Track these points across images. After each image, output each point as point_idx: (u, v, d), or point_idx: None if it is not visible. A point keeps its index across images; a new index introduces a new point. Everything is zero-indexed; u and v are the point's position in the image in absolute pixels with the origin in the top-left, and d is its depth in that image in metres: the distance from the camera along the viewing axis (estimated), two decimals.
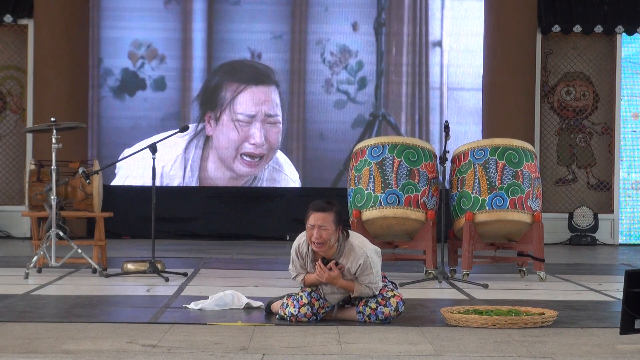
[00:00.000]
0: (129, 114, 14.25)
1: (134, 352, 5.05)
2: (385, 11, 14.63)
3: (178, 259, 10.62)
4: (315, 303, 6.19)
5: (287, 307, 6.20)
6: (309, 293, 6.21)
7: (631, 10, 14.07)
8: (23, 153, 13.99)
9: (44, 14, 13.63)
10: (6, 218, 13.84)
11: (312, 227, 6.05)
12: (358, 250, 6.12)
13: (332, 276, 6.10)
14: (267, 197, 14.19)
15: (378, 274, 6.18)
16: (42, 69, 13.61)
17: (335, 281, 6.13)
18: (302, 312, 6.17)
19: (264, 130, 14.27)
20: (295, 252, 6.26)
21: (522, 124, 13.65)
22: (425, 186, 8.79)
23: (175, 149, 14.05)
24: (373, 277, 6.14)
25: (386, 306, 6.16)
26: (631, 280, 5.06)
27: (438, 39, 14.51)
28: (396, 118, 14.49)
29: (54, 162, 8.73)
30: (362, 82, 14.60)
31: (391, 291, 6.21)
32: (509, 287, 8.43)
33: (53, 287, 7.99)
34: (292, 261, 6.30)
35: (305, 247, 6.20)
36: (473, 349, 5.28)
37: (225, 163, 14.27)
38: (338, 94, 14.62)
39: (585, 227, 13.94)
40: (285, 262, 10.80)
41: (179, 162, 14.14)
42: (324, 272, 6.10)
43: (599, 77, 14.36)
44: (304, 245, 6.21)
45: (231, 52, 14.41)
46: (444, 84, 14.50)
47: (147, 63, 14.28)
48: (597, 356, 5.12)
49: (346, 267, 6.11)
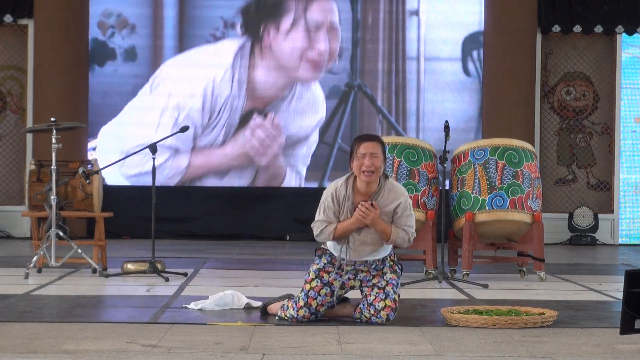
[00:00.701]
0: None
1: (134, 352, 5.05)
2: None
3: (178, 259, 10.62)
4: (312, 302, 6.17)
5: (288, 309, 6.20)
6: (306, 293, 6.18)
7: (631, 10, 14.07)
8: (23, 153, 13.99)
9: (44, 14, 13.63)
10: (6, 218, 13.84)
11: (363, 156, 6.00)
12: (398, 188, 6.15)
13: (375, 215, 6.02)
14: (267, 197, 14.19)
15: (413, 218, 6.16)
16: (42, 69, 13.61)
17: (376, 222, 6.04)
18: (301, 314, 6.15)
19: (328, 39, 14.22)
20: (330, 197, 6.12)
21: (522, 124, 13.65)
22: (425, 186, 8.79)
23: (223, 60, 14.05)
24: (411, 220, 6.12)
25: (377, 317, 6.14)
26: (631, 280, 5.06)
27: (415, 7, 14.44)
28: (372, 89, 14.36)
29: (54, 162, 8.73)
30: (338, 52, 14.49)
31: (382, 301, 6.14)
32: (509, 287, 8.43)
33: (53, 287, 7.99)
34: (322, 211, 6.13)
35: (343, 189, 6.11)
36: (473, 349, 5.28)
37: (285, 70, 14.17)
38: None
39: (585, 227, 13.94)
40: (285, 262, 10.84)
41: (228, 74, 14.08)
42: (369, 211, 6.00)
43: (599, 77, 14.36)
44: (342, 188, 6.12)
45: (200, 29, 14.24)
46: (421, 54, 14.45)
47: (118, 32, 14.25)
48: (597, 356, 5.12)
49: (386, 208, 6.06)
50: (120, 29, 14.23)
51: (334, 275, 6.19)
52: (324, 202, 6.16)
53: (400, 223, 6.13)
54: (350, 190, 6.12)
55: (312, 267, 6.27)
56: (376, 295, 6.16)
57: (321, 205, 6.17)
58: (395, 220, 6.13)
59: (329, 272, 6.20)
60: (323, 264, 6.23)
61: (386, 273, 6.22)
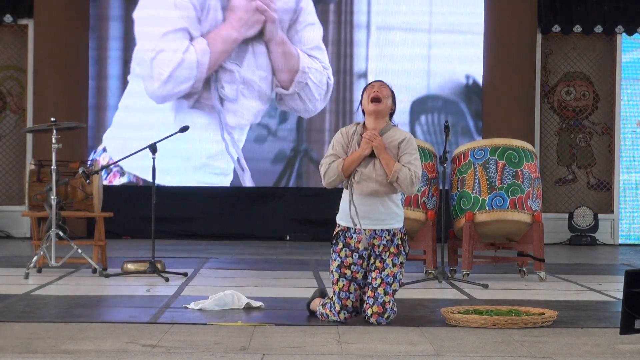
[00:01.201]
0: None
1: (134, 352, 5.05)
2: None
3: (178, 259, 10.62)
4: (347, 303, 6.20)
5: (329, 316, 6.22)
6: (337, 295, 6.20)
7: (631, 10, 14.07)
8: (23, 153, 13.99)
9: (44, 14, 13.63)
10: (6, 218, 13.84)
11: (372, 86, 6.27)
12: (404, 131, 6.35)
13: (381, 141, 6.13)
14: (267, 197, 14.19)
15: (418, 159, 6.24)
16: (42, 69, 13.61)
17: (382, 149, 6.13)
18: (342, 317, 6.19)
19: None
20: (340, 132, 6.30)
21: (522, 124, 13.65)
22: (425, 186, 8.79)
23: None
24: (415, 159, 6.21)
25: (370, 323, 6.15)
26: (631, 280, 5.06)
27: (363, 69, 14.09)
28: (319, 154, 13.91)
29: (54, 162, 8.74)
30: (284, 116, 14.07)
31: (370, 308, 6.15)
32: (509, 287, 8.43)
33: (53, 287, 7.99)
34: (332, 147, 6.26)
35: (353, 127, 6.29)
36: (473, 349, 5.28)
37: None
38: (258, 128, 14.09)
39: (585, 227, 13.94)
40: (285, 262, 10.84)
41: None
42: (375, 137, 6.12)
43: (599, 77, 14.36)
44: (352, 127, 6.30)
45: None
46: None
47: None
48: (597, 356, 5.12)
49: (392, 143, 6.18)
50: None
51: (355, 267, 6.20)
52: (333, 140, 6.31)
53: (403, 160, 6.19)
54: (360, 127, 6.29)
55: (332, 265, 6.27)
56: (367, 298, 6.19)
57: (331, 144, 6.31)
58: (400, 157, 6.20)
59: (349, 266, 6.22)
60: (340, 258, 6.22)
61: (387, 261, 6.21)
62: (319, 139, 14.19)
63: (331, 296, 6.28)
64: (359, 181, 6.17)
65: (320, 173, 6.29)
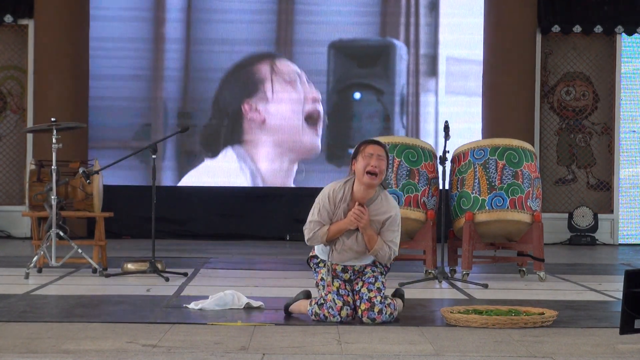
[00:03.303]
0: None
1: (134, 352, 5.05)
2: None
3: (178, 259, 10.62)
4: (348, 299, 6.19)
5: (327, 318, 6.17)
6: (337, 293, 6.20)
7: (631, 10, 14.07)
8: (23, 153, 13.99)
9: (44, 14, 13.64)
10: (6, 218, 13.84)
11: (370, 156, 6.08)
12: (392, 201, 6.24)
13: (368, 220, 6.09)
14: (267, 197, 14.19)
15: (398, 237, 6.24)
16: (42, 69, 13.61)
17: (367, 227, 6.10)
18: (344, 315, 6.16)
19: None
20: (327, 197, 6.17)
21: (522, 124, 13.65)
22: (425, 186, 8.79)
23: None
24: (396, 237, 6.21)
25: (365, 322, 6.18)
26: (631, 280, 5.06)
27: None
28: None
29: (54, 162, 8.74)
30: None
31: (371, 292, 6.19)
32: (509, 287, 8.43)
33: (53, 287, 7.99)
34: (317, 212, 6.18)
35: (340, 192, 6.17)
36: (473, 349, 5.28)
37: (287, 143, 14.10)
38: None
39: (585, 227, 13.94)
40: (285, 262, 10.84)
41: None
42: (362, 215, 6.07)
43: (599, 77, 14.37)
44: (340, 190, 6.17)
45: None
46: None
47: None
48: (597, 356, 5.12)
49: (377, 217, 6.13)
50: None
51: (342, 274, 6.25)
52: (319, 202, 6.20)
53: (385, 236, 6.21)
54: (348, 193, 6.17)
55: (318, 275, 6.32)
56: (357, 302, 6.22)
57: (316, 206, 6.21)
58: (382, 232, 6.21)
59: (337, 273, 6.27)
60: (326, 267, 6.28)
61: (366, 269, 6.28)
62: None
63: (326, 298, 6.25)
64: (339, 251, 6.22)
65: (304, 233, 6.26)
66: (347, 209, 6.15)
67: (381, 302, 6.15)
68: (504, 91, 13.72)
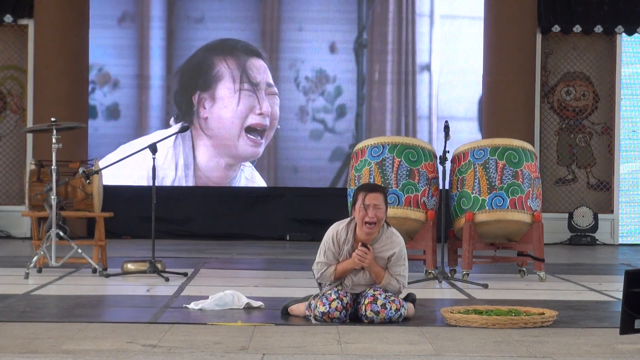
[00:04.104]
0: None
1: (134, 352, 5.05)
2: (367, 30, 13.91)
3: (178, 259, 10.62)
4: (343, 298, 6.22)
5: (317, 307, 6.19)
6: (336, 290, 6.24)
7: (631, 10, 14.07)
8: (23, 153, 13.99)
9: (44, 14, 13.63)
10: (6, 218, 13.84)
11: (367, 207, 6.15)
12: (396, 237, 6.32)
13: (371, 259, 6.18)
14: (267, 197, 14.19)
15: (406, 269, 6.35)
16: (42, 69, 13.61)
17: (372, 265, 6.21)
18: (334, 306, 6.18)
19: (268, 101, 13.67)
20: (331, 239, 6.28)
21: (522, 124, 13.64)
22: (425, 186, 8.79)
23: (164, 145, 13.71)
24: (403, 270, 6.31)
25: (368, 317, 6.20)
26: (631, 280, 5.06)
27: (426, 61, 13.99)
28: None
29: (54, 162, 8.73)
30: (341, 110, 13.88)
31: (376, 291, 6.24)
32: (509, 287, 8.43)
33: (53, 287, 7.99)
34: (323, 253, 6.30)
35: (344, 233, 6.28)
36: (473, 349, 5.28)
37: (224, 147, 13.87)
38: (314, 123, 13.93)
39: (585, 227, 13.94)
40: (285, 261, 10.84)
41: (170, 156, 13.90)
42: (366, 255, 6.16)
43: (599, 77, 14.36)
44: (343, 232, 6.28)
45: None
46: (433, 112, 13.90)
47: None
48: (597, 356, 5.12)
49: (381, 254, 6.23)
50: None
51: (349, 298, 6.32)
52: (324, 244, 6.33)
53: (393, 271, 6.31)
54: (350, 234, 6.30)
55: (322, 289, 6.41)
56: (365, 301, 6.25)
57: (322, 247, 6.34)
58: (389, 267, 6.31)
59: None
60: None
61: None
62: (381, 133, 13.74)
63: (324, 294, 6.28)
64: (351, 287, 6.33)
65: (313, 272, 6.40)
66: (351, 249, 6.27)
67: (385, 298, 6.16)
68: (504, 91, 13.72)
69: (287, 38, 14.02)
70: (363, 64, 14.00)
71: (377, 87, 13.99)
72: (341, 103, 13.98)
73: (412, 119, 13.97)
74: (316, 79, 13.97)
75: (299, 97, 14.01)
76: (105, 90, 14.09)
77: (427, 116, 14.03)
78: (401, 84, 13.94)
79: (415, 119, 13.98)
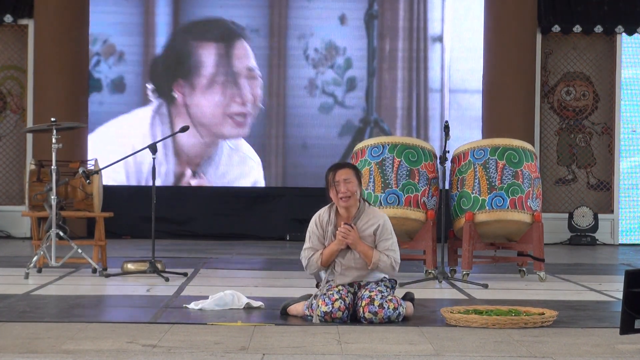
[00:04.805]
0: None
1: (134, 352, 5.05)
2: (377, 1, 13.83)
3: (178, 259, 10.62)
4: (345, 298, 6.21)
5: (319, 307, 6.18)
6: (337, 291, 6.24)
7: (631, 10, 14.07)
8: (23, 153, 13.99)
9: (44, 14, 13.63)
10: (6, 218, 13.84)
11: (338, 183, 6.26)
12: (377, 212, 6.42)
13: (355, 236, 6.20)
14: (267, 197, 14.19)
15: (395, 243, 6.36)
16: (42, 69, 13.61)
17: (357, 243, 6.23)
18: (336, 306, 6.17)
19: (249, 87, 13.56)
20: (314, 223, 6.37)
21: (522, 124, 13.64)
22: (425, 186, 8.79)
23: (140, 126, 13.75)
24: (392, 244, 6.33)
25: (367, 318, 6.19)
26: (631, 280, 5.06)
27: (438, 33, 13.96)
28: (390, 124, 13.55)
29: (54, 162, 8.74)
30: (351, 83, 13.76)
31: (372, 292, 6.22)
32: (509, 287, 8.43)
33: (53, 287, 7.99)
34: (308, 239, 6.36)
35: (326, 215, 6.36)
36: (473, 349, 5.28)
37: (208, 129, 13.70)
38: (323, 96, 13.79)
39: (585, 227, 13.94)
40: (285, 261, 10.84)
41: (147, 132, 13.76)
42: (349, 232, 6.19)
43: (599, 77, 14.36)
44: (325, 214, 6.37)
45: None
46: (445, 85, 13.82)
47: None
48: (597, 356, 5.12)
49: (366, 231, 6.26)
50: None
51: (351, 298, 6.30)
52: (309, 230, 6.40)
53: (381, 246, 6.32)
54: (332, 215, 6.36)
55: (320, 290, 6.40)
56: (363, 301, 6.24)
57: (307, 235, 6.40)
58: (377, 245, 6.33)
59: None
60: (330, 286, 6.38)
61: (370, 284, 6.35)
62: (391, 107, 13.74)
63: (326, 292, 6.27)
64: (341, 272, 6.34)
65: (301, 263, 6.43)
66: (335, 230, 6.31)
67: (381, 298, 6.16)
68: (504, 91, 13.72)
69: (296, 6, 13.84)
70: (373, 36, 13.85)
71: (388, 59, 13.84)
72: (351, 76, 13.83)
73: (424, 92, 13.86)
74: (326, 51, 13.83)
75: (308, 71, 13.86)
76: (110, 63, 14.05)
77: (438, 89, 13.96)
78: (412, 56, 13.80)
79: (427, 92, 13.87)
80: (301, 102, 13.90)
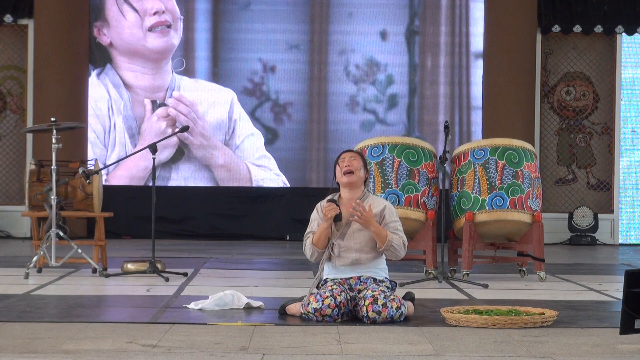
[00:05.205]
0: None
1: (134, 352, 5.05)
2: (418, 17, 13.72)
3: (178, 259, 10.62)
4: (337, 297, 6.19)
5: (310, 303, 6.19)
6: (330, 289, 6.23)
7: (631, 10, 14.08)
8: (23, 153, 13.99)
9: (44, 14, 13.64)
10: (6, 218, 13.84)
11: (343, 160, 6.37)
12: (380, 198, 6.55)
13: (370, 215, 6.21)
14: (267, 197, 14.19)
15: (401, 226, 6.41)
16: (42, 69, 13.61)
17: (371, 222, 6.23)
18: (326, 303, 6.16)
19: None
20: (317, 209, 6.43)
21: (522, 124, 13.65)
22: (425, 186, 8.79)
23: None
24: (399, 225, 6.39)
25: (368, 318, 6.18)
26: (631, 280, 5.06)
27: (480, 49, 13.91)
28: (432, 141, 13.18)
29: (54, 162, 8.73)
30: (392, 100, 13.66)
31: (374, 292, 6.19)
32: (509, 287, 8.43)
33: (53, 287, 7.99)
34: (310, 224, 6.42)
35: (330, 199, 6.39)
36: (473, 349, 5.28)
37: (135, 52, 13.65)
38: (365, 113, 13.73)
39: (585, 227, 13.94)
40: (285, 262, 10.84)
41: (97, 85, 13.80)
42: (362, 210, 6.19)
43: (599, 77, 14.37)
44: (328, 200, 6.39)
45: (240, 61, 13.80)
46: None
47: None
48: (597, 356, 5.12)
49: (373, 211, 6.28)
50: None
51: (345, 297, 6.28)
52: (312, 217, 6.46)
53: (390, 227, 6.36)
54: (336, 198, 6.39)
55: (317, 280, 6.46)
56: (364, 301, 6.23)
57: (311, 218, 6.46)
58: (387, 225, 6.35)
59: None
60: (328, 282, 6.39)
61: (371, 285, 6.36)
62: (433, 123, 13.66)
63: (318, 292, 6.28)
64: (339, 254, 6.36)
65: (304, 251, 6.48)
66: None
67: (385, 297, 6.15)
68: (504, 91, 13.72)
69: (337, 21, 13.75)
70: (415, 52, 13.77)
71: (430, 75, 13.76)
72: (392, 92, 13.75)
73: (467, 110, 13.81)
74: (367, 67, 13.75)
75: (349, 87, 13.81)
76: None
77: (481, 106, 13.88)
78: (454, 72, 13.76)
79: (470, 108, 13.81)
80: (343, 118, 13.83)
